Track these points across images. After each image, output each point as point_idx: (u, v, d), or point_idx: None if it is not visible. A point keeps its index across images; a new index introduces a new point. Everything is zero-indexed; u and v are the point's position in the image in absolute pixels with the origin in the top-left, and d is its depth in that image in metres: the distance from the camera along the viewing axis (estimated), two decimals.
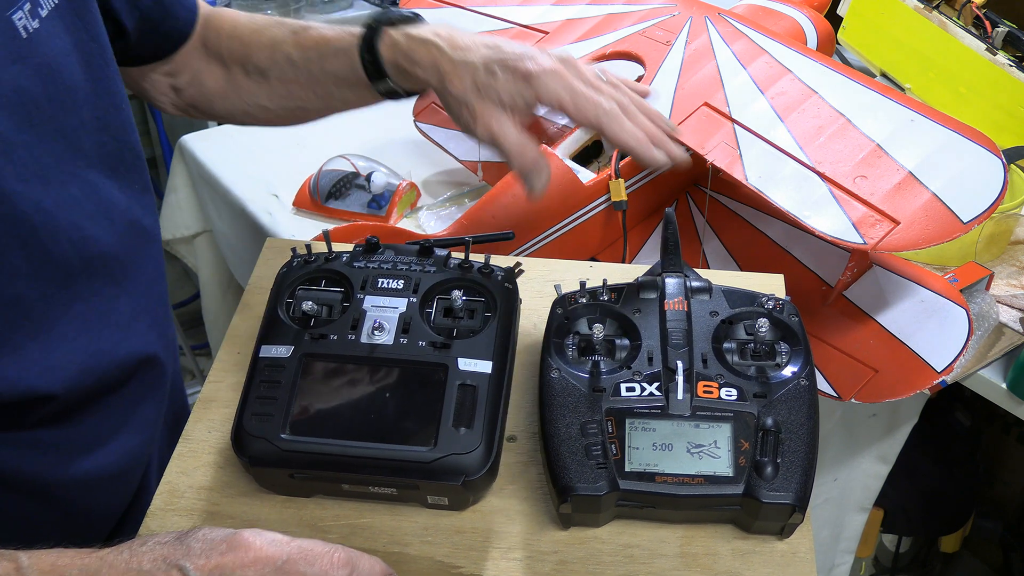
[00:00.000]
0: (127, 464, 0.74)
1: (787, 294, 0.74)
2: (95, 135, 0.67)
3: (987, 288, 1.13)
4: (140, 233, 0.72)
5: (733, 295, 0.66)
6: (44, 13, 0.62)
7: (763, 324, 0.63)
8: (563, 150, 1.10)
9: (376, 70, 0.75)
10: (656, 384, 0.61)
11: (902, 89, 1.53)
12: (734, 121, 0.96)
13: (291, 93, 0.82)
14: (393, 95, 0.77)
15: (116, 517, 0.69)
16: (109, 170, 0.69)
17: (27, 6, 0.60)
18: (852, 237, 0.83)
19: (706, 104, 0.99)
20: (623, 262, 1.08)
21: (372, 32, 0.74)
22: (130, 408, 0.73)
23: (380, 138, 1.51)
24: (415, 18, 0.76)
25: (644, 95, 0.75)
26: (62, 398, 0.65)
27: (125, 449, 0.73)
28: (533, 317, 0.76)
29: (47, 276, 0.62)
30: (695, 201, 1.15)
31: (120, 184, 0.70)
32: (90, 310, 0.66)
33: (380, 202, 1.30)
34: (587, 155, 1.14)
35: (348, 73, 0.76)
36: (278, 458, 0.60)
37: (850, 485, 1.34)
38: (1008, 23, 1.47)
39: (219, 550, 0.51)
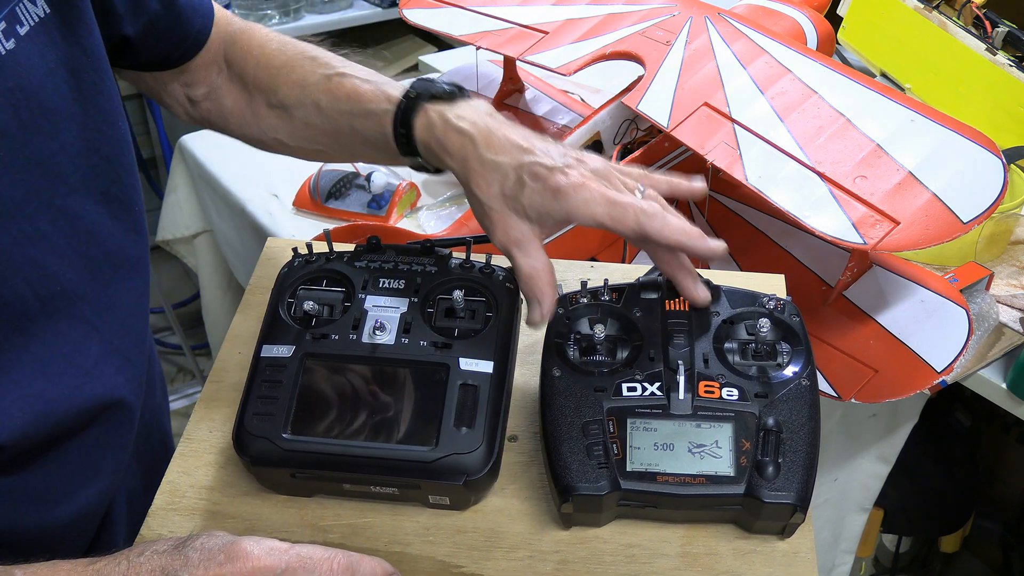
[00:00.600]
0: (85, 513, 0.70)
1: (787, 294, 0.74)
2: (81, 158, 0.62)
3: (987, 288, 1.13)
4: (122, 264, 0.68)
5: (734, 295, 0.66)
6: (24, 31, 0.57)
7: (764, 324, 0.63)
8: None
9: (408, 146, 0.70)
10: (657, 384, 0.61)
11: (902, 89, 1.53)
12: (734, 121, 0.96)
13: (313, 137, 0.77)
14: (422, 169, 0.72)
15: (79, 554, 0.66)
16: (99, 194, 0.65)
17: (0, 26, 0.55)
18: (852, 237, 0.83)
19: (706, 104, 0.99)
20: (623, 262, 1.08)
21: (411, 105, 0.69)
22: (90, 456, 0.68)
23: None
24: (458, 93, 0.70)
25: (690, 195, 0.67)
26: (10, 448, 0.60)
27: (83, 500, 0.69)
28: None
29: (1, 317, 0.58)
30: (695, 201, 1.15)
31: (110, 209, 0.66)
32: (49, 353, 0.62)
33: (380, 202, 1.30)
34: None
35: (378, 138, 0.71)
36: (279, 458, 0.60)
37: (850, 485, 1.34)
38: (1008, 23, 1.47)
39: (217, 560, 0.50)
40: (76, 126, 0.62)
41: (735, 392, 0.61)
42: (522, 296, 0.64)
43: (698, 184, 0.68)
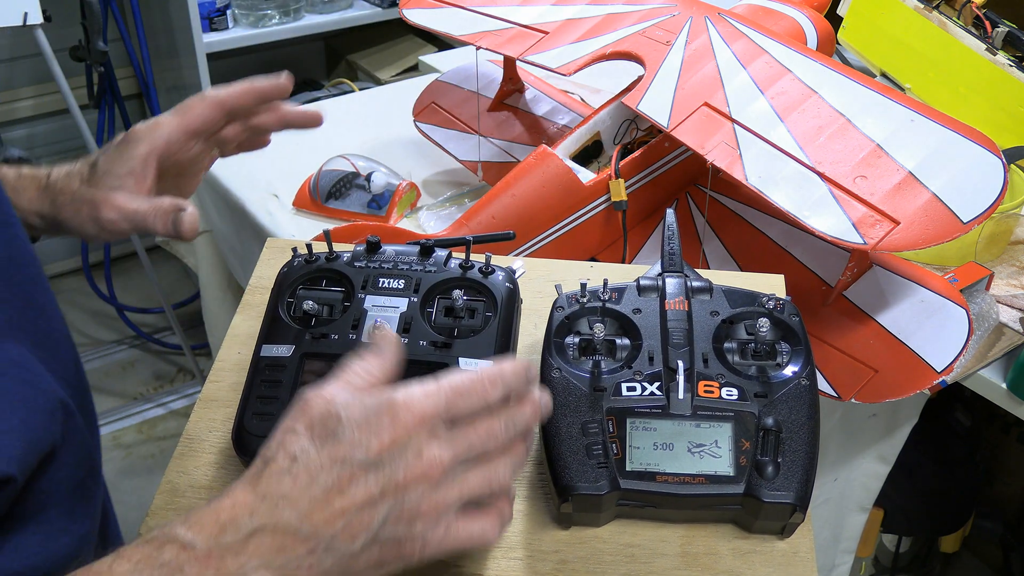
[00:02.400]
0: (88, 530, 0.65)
1: (787, 294, 0.74)
2: None
3: (987, 288, 1.13)
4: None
5: (733, 295, 0.66)
6: None
7: (764, 324, 0.63)
8: (563, 150, 1.11)
9: None
10: (657, 384, 0.61)
11: (902, 89, 1.53)
12: (734, 121, 0.96)
13: None
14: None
15: None
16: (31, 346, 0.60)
17: None
18: (852, 237, 0.83)
19: (706, 104, 0.99)
20: (623, 262, 1.08)
21: None
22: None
23: (380, 138, 1.51)
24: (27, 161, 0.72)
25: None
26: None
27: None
28: (534, 317, 0.76)
29: None
30: (695, 201, 1.15)
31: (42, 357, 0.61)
32: (10, 379, 0.57)
33: (380, 202, 1.30)
34: (587, 155, 1.14)
35: None
36: None
37: (850, 485, 1.34)
38: (1008, 23, 1.47)
39: (381, 426, 0.48)
40: None
41: (735, 392, 0.61)
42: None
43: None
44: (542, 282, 0.81)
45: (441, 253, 0.69)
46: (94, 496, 0.67)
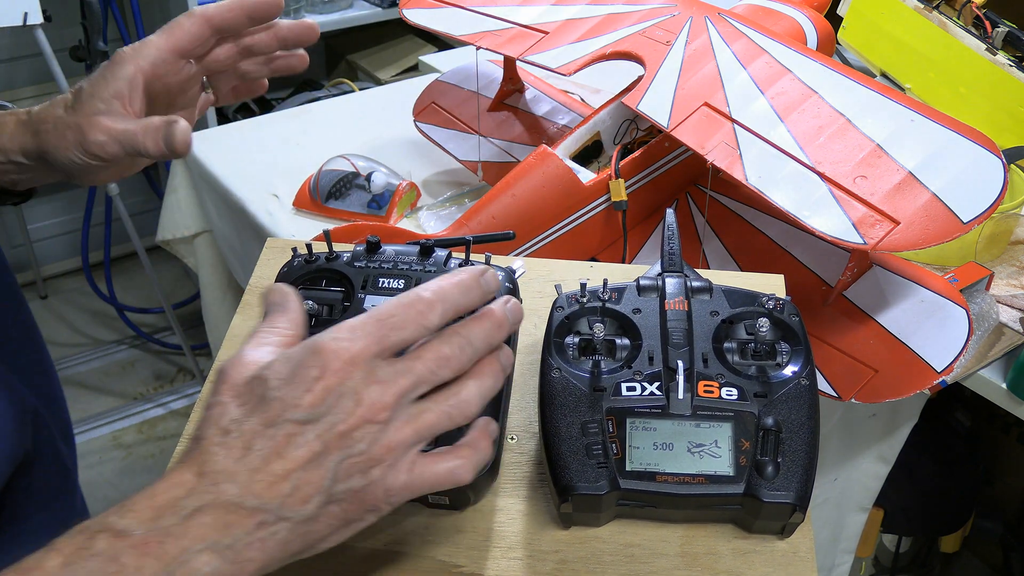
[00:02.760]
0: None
1: (787, 294, 0.74)
2: None
3: (987, 288, 1.13)
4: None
5: (733, 295, 0.66)
6: None
7: (763, 324, 0.63)
8: (563, 150, 1.11)
9: None
10: (657, 384, 0.61)
11: (902, 89, 1.53)
12: (734, 121, 0.96)
13: None
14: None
15: None
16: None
17: None
18: (852, 237, 0.83)
19: (706, 104, 0.99)
20: (623, 262, 1.08)
21: None
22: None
23: (380, 138, 1.51)
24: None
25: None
26: None
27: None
28: (533, 317, 0.76)
29: None
30: (695, 201, 1.15)
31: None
32: None
33: (380, 202, 1.30)
34: (587, 155, 1.14)
35: None
36: None
37: (850, 485, 1.34)
38: (1008, 23, 1.47)
39: (311, 376, 0.45)
40: None
41: (734, 392, 0.61)
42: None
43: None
44: (542, 282, 0.81)
45: (441, 253, 0.69)
46: (70, 505, 0.66)
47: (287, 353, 0.47)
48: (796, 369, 0.62)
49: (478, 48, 1.18)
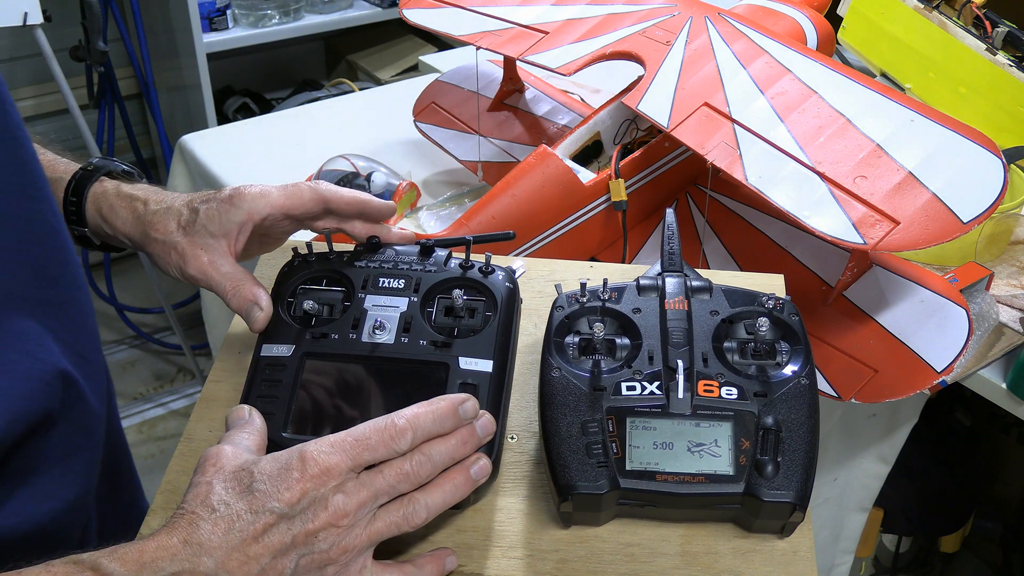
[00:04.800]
0: (68, 514, 0.67)
1: (787, 294, 0.74)
2: (1, 158, 0.61)
3: (987, 288, 1.13)
4: (62, 266, 0.66)
5: (733, 294, 0.66)
6: None
7: (763, 323, 0.63)
8: (563, 150, 1.11)
9: (76, 214, 0.72)
10: (657, 383, 0.61)
11: (902, 89, 1.53)
12: (734, 121, 0.96)
13: None
14: (85, 243, 0.74)
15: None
16: (28, 193, 0.63)
17: None
18: (852, 237, 0.83)
19: (706, 104, 0.99)
20: (623, 262, 1.08)
21: (86, 176, 0.72)
22: (70, 442, 0.66)
23: (380, 138, 1.52)
24: (135, 175, 0.75)
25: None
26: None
27: (64, 499, 0.66)
28: (534, 317, 0.76)
29: None
30: (695, 201, 1.15)
31: (42, 207, 0.64)
32: (12, 351, 0.60)
33: None
34: (587, 155, 1.14)
35: None
36: None
37: (850, 485, 1.34)
38: (1008, 23, 1.47)
39: (292, 478, 0.52)
40: None
41: (734, 391, 0.61)
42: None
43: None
44: (542, 282, 0.81)
45: (441, 253, 0.69)
46: (89, 463, 0.70)
47: (275, 455, 0.54)
48: (796, 369, 0.62)
49: (478, 48, 1.18)
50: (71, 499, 0.67)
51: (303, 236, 0.74)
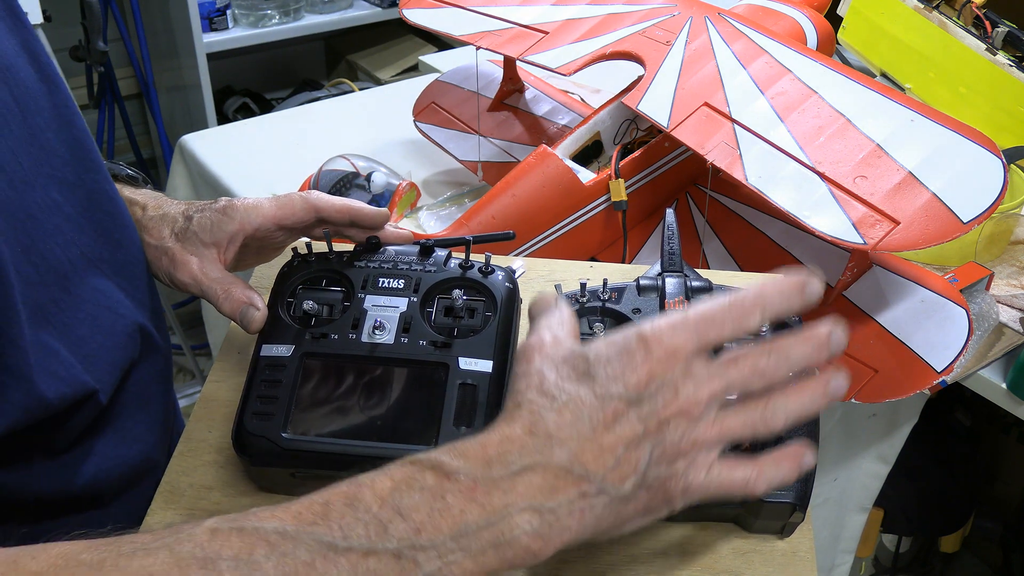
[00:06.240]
0: (145, 460, 0.72)
1: None
2: (63, 131, 0.65)
3: (987, 288, 1.13)
4: (121, 224, 0.70)
5: None
6: None
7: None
8: (563, 150, 1.11)
9: None
10: None
11: (902, 89, 1.53)
12: (734, 121, 0.96)
13: None
14: None
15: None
16: (83, 163, 0.67)
17: None
18: (852, 237, 0.83)
19: (706, 104, 0.99)
20: (623, 262, 1.08)
21: None
22: (147, 391, 0.72)
23: (380, 138, 1.52)
24: (140, 180, 0.77)
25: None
26: (94, 395, 0.63)
27: (144, 444, 0.72)
28: None
29: (51, 281, 0.62)
30: (695, 201, 1.15)
31: (97, 176, 0.68)
32: (94, 307, 0.66)
33: (380, 202, 1.30)
34: (587, 155, 1.14)
35: None
36: (279, 457, 0.60)
37: (850, 485, 1.34)
38: (1008, 23, 1.47)
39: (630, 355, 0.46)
40: (48, 104, 0.64)
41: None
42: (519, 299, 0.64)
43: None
44: (542, 282, 0.81)
45: (441, 253, 0.69)
46: (164, 408, 0.75)
47: (609, 338, 0.48)
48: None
49: (478, 48, 1.18)
50: (153, 440, 0.71)
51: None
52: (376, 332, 0.63)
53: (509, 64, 1.37)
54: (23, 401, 0.57)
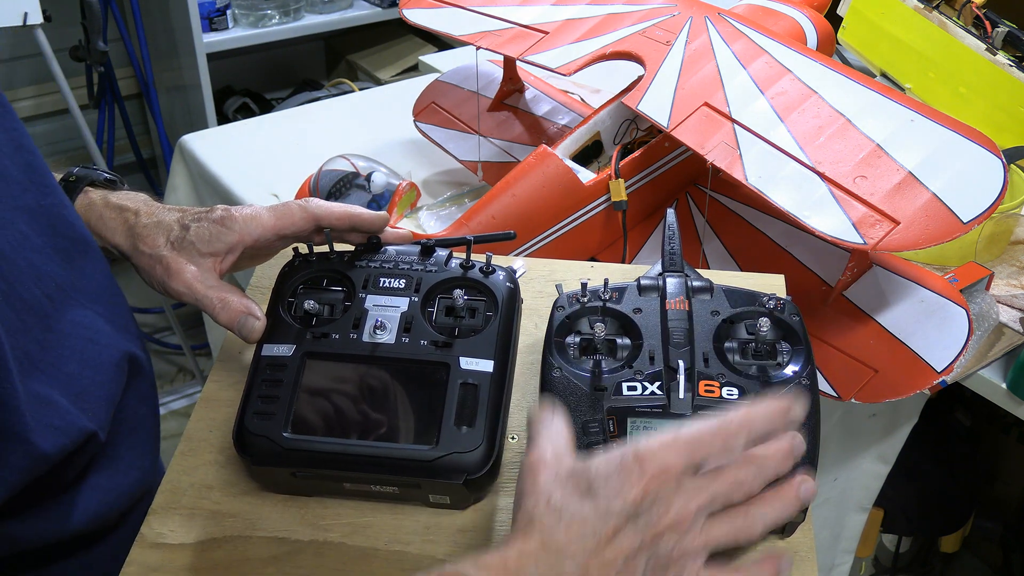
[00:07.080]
0: (141, 484, 0.71)
1: (787, 294, 0.74)
2: (16, 156, 0.63)
3: (987, 288, 1.13)
4: (83, 246, 0.69)
5: (734, 295, 0.66)
6: None
7: (764, 323, 0.63)
8: (563, 150, 1.11)
9: None
10: (657, 383, 0.61)
11: (902, 89, 1.53)
12: (734, 121, 0.96)
13: None
14: None
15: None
16: (39, 187, 0.64)
17: None
18: (852, 237, 0.83)
19: (706, 104, 0.99)
20: (623, 262, 1.08)
21: (69, 188, 0.72)
22: (137, 412, 0.71)
23: (380, 138, 1.52)
24: (118, 182, 0.75)
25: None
26: (94, 434, 0.62)
27: (139, 470, 0.71)
28: (534, 317, 0.76)
29: (32, 323, 0.60)
30: (695, 201, 1.15)
31: (53, 199, 0.66)
32: (76, 340, 0.64)
33: (380, 202, 1.30)
34: (587, 155, 1.14)
35: None
36: (280, 457, 0.60)
37: (850, 485, 1.34)
38: (1008, 23, 1.47)
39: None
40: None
41: (735, 391, 0.61)
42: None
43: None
44: (543, 282, 0.81)
45: (442, 253, 0.69)
46: (153, 432, 0.74)
47: (607, 455, 0.52)
48: (797, 369, 0.62)
49: (478, 48, 1.18)
50: (146, 467, 0.71)
51: None
52: (377, 332, 0.63)
53: (509, 64, 1.37)
54: (22, 463, 0.56)
